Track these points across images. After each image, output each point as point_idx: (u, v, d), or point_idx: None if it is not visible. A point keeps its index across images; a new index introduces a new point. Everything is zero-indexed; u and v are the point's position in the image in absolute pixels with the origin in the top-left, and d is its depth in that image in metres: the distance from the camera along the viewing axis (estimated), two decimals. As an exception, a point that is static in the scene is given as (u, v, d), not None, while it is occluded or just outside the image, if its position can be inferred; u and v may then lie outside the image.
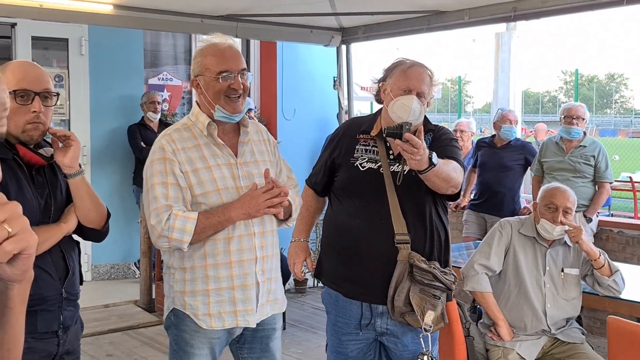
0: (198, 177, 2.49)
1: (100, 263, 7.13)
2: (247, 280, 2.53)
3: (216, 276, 2.50)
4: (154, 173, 2.49)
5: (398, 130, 2.49)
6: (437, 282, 2.70)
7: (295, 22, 6.68)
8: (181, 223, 2.41)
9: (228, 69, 2.49)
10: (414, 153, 2.45)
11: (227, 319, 2.53)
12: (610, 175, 5.44)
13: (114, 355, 4.98)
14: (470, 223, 6.15)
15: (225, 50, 2.51)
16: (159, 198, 2.45)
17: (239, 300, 2.53)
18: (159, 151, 2.51)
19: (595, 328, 5.46)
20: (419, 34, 6.40)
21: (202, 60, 2.52)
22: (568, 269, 3.47)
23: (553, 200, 3.42)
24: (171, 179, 2.47)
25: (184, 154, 2.50)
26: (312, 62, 8.06)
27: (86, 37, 6.92)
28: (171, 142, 2.52)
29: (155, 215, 2.45)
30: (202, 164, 2.51)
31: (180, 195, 2.47)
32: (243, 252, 2.52)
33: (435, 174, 2.57)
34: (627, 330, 2.78)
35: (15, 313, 1.07)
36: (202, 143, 2.55)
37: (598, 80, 73.47)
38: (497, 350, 3.39)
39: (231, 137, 2.61)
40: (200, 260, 2.51)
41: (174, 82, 7.68)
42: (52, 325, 2.27)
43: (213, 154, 2.54)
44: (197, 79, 2.55)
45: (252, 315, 2.56)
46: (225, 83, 2.48)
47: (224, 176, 2.52)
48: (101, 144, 7.09)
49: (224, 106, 2.51)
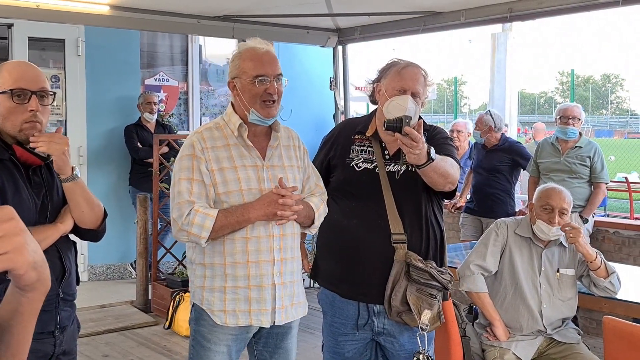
0: (223, 176, 2.54)
1: (97, 264, 7.12)
2: (263, 281, 2.56)
3: (234, 274, 2.54)
4: (182, 168, 2.56)
5: (398, 124, 2.51)
6: (433, 281, 2.71)
7: (292, 23, 6.68)
8: (200, 219, 2.46)
9: (265, 74, 2.54)
10: (413, 147, 2.47)
11: (241, 317, 2.56)
12: (606, 176, 5.45)
13: (110, 355, 4.97)
14: (467, 226, 6.16)
15: (263, 55, 2.56)
16: (183, 193, 2.51)
17: (254, 300, 2.56)
18: (188, 148, 2.58)
19: (591, 328, 5.47)
20: (415, 34, 6.41)
21: (240, 64, 2.57)
22: (564, 269, 3.48)
23: (549, 201, 3.43)
24: (197, 176, 2.53)
25: (212, 152, 2.56)
26: (308, 62, 8.07)
27: (83, 38, 6.92)
28: (201, 140, 2.57)
29: (177, 209, 2.51)
30: (228, 164, 2.55)
31: (204, 192, 2.53)
32: (261, 253, 2.55)
33: (433, 169, 2.59)
34: (623, 330, 2.79)
35: (23, 320, 1.08)
36: (231, 143, 2.59)
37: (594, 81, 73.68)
38: (493, 350, 3.39)
39: (261, 140, 2.66)
40: (219, 258, 2.56)
41: (171, 82, 7.68)
42: (48, 326, 2.27)
43: (241, 154, 2.59)
44: (233, 80, 2.60)
45: (266, 316, 2.58)
46: (261, 87, 2.54)
47: (248, 177, 2.56)
48: (98, 145, 7.09)
49: (259, 110, 2.57)
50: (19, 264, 0.96)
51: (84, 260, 6.94)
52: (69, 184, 2.28)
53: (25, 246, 0.97)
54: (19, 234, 0.96)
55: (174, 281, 5.84)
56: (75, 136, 6.81)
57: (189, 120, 7.80)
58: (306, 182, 2.77)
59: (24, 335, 1.10)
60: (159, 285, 6.00)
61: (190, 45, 7.77)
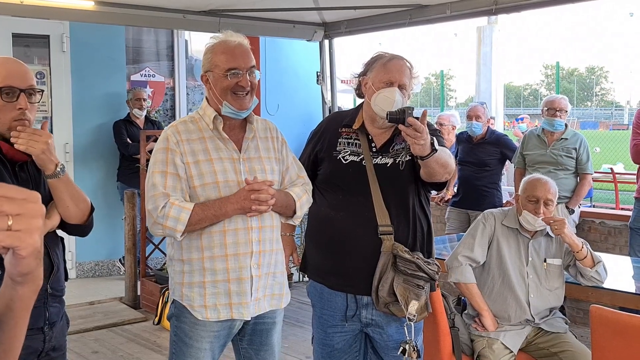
0: (199, 169, 2.54)
1: (85, 261, 7.10)
2: (242, 273, 2.55)
3: (212, 268, 2.54)
4: (156, 161, 2.56)
5: (401, 115, 2.52)
6: (420, 272, 2.73)
7: (278, 17, 6.68)
8: (176, 212, 2.45)
9: (237, 67, 2.53)
10: (417, 137, 2.49)
11: (222, 311, 2.56)
12: (591, 167, 5.49)
13: (100, 352, 4.97)
14: (452, 220, 6.17)
15: (235, 48, 2.55)
16: (157, 185, 2.51)
17: (234, 293, 2.55)
18: (163, 141, 2.58)
19: (579, 318, 5.52)
20: (401, 28, 6.42)
21: (212, 57, 2.57)
22: (551, 259, 3.50)
23: (534, 193, 3.45)
24: (171, 169, 2.52)
25: (188, 145, 2.55)
26: (295, 57, 8.06)
27: (67, 34, 6.87)
28: (176, 133, 2.57)
29: (152, 201, 2.50)
30: (204, 157, 2.55)
31: (178, 186, 2.52)
32: (239, 245, 2.55)
33: (436, 159, 2.61)
34: (610, 319, 2.82)
35: (14, 317, 1.08)
36: (207, 136, 2.59)
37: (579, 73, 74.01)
38: (481, 340, 3.42)
39: (237, 133, 2.65)
40: (197, 253, 2.55)
41: (157, 78, 7.65)
42: (37, 322, 2.26)
43: (217, 147, 2.58)
44: (206, 74, 2.60)
45: (247, 308, 2.58)
46: (233, 80, 2.53)
47: (225, 170, 2.55)
48: (84, 141, 7.05)
49: (232, 102, 2.56)
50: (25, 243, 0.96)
51: (72, 258, 6.91)
52: (53, 180, 2.26)
53: (38, 231, 0.97)
54: (38, 218, 0.97)
55: (162, 277, 5.83)
56: (62, 133, 6.78)
57: (175, 116, 7.77)
58: (285, 173, 2.76)
59: (16, 331, 1.10)
60: (147, 281, 5.99)
61: (176, 40, 7.74)
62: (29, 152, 2.18)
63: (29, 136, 2.17)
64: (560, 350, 3.38)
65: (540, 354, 3.47)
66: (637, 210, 4.97)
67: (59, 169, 2.25)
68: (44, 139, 2.18)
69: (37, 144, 2.17)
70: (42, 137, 2.18)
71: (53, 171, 2.24)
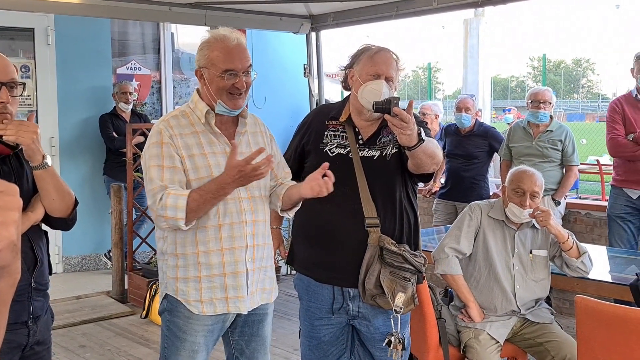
0: (193, 163, 2.51)
1: (71, 255, 7.06)
2: (238, 267, 2.55)
3: (208, 263, 2.53)
4: (151, 156, 2.52)
5: (387, 105, 2.51)
6: (407, 264, 2.74)
7: (265, 10, 6.66)
8: (173, 200, 2.41)
9: (234, 68, 2.50)
10: (404, 128, 2.48)
11: (219, 305, 2.56)
12: (577, 159, 5.51)
13: (87, 346, 4.95)
14: (440, 212, 6.18)
15: (233, 49, 2.51)
16: (155, 180, 2.48)
17: (230, 287, 2.55)
18: (156, 135, 2.54)
19: (564, 309, 5.56)
20: (388, 20, 6.41)
21: (209, 55, 2.52)
22: (536, 250, 3.52)
23: (520, 185, 3.46)
24: (167, 162, 2.49)
25: (181, 139, 2.53)
26: (282, 49, 8.04)
27: (52, 27, 6.82)
28: (168, 127, 2.54)
29: (151, 196, 2.48)
30: (198, 150, 2.53)
31: (176, 177, 2.49)
32: (234, 239, 2.54)
33: (423, 150, 2.60)
34: (595, 309, 2.83)
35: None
36: (199, 130, 2.57)
37: (565, 65, 74.25)
38: (468, 331, 3.44)
39: (229, 127, 2.63)
40: (192, 247, 2.53)
41: (143, 71, 7.60)
42: (21, 316, 2.25)
43: (209, 141, 2.56)
44: (201, 70, 2.56)
45: (243, 302, 2.58)
46: (230, 81, 2.50)
47: (218, 164, 2.53)
48: (70, 135, 7.01)
49: (226, 102, 2.54)
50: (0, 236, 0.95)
51: (59, 252, 6.87)
52: (40, 171, 2.26)
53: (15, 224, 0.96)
54: (14, 210, 0.96)
55: (150, 271, 5.82)
56: (47, 127, 6.72)
57: (162, 109, 7.73)
58: (277, 169, 2.76)
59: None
60: (135, 275, 5.97)
61: (162, 33, 7.69)
62: (19, 142, 2.18)
63: (17, 127, 2.16)
64: (546, 341, 3.40)
65: (526, 344, 3.50)
66: (613, 197, 5.02)
67: (46, 160, 2.26)
68: (33, 129, 2.19)
69: (26, 134, 2.18)
70: (30, 127, 2.19)
71: (41, 162, 2.25)
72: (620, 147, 4.85)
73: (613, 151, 4.95)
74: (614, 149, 4.92)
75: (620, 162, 4.97)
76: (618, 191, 4.94)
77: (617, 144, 4.85)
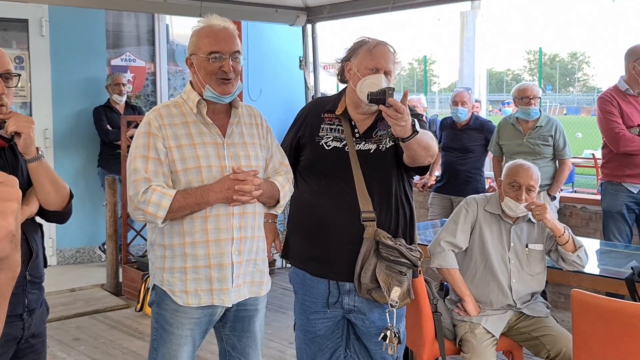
0: (181, 153, 2.51)
1: (65, 247, 7.04)
2: (223, 259, 2.54)
3: (194, 254, 2.52)
4: (137, 146, 2.52)
5: (381, 96, 2.50)
6: (403, 258, 2.73)
7: (260, 2, 6.63)
8: (157, 198, 2.43)
9: (219, 50, 2.50)
10: (398, 118, 2.47)
11: (203, 297, 2.55)
12: (569, 151, 5.46)
13: (81, 339, 4.94)
14: (435, 206, 6.17)
15: (219, 32, 2.52)
16: (139, 170, 2.48)
17: (215, 279, 2.54)
18: (145, 125, 2.55)
19: (560, 303, 5.56)
20: (384, 12, 6.40)
21: (197, 41, 2.54)
22: (532, 244, 3.52)
23: (516, 179, 3.46)
24: (152, 154, 2.49)
25: (170, 129, 2.52)
26: (277, 42, 8.01)
27: (47, 18, 6.77)
28: (158, 117, 2.54)
29: (133, 186, 2.47)
30: (187, 141, 2.52)
31: (160, 170, 2.49)
32: (220, 231, 2.53)
33: (418, 141, 2.59)
34: (590, 303, 2.83)
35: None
36: (190, 121, 2.56)
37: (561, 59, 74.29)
38: (464, 325, 3.44)
39: (221, 118, 2.62)
40: (179, 238, 2.53)
41: (137, 63, 7.57)
42: (16, 309, 2.24)
43: (200, 132, 2.55)
44: (191, 57, 2.57)
45: (227, 295, 2.57)
46: (216, 64, 2.50)
47: (208, 154, 2.52)
48: (64, 127, 6.97)
49: (214, 87, 2.53)
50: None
51: (53, 245, 6.85)
52: (34, 164, 2.25)
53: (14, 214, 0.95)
54: (13, 201, 0.95)
55: (144, 264, 5.79)
56: (41, 118, 6.68)
57: (157, 101, 7.70)
58: (270, 161, 2.74)
59: None
60: (129, 268, 5.95)
61: (157, 24, 7.65)
62: (20, 130, 2.18)
63: (16, 118, 2.19)
64: (541, 335, 3.40)
65: (521, 338, 3.50)
66: (610, 194, 4.96)
67: (40, 152, 2.27)
68: (30, 120, 2.22)
69: (25, 125, 2.20)
70: (28, 118, 2.22)
71: (36, 154, 2.26)
72: (628, 141, 4.67)
73: (620, 146, 4.73)
74: (622, 144, 4.72)
75: (614, 157, 4.88)
76: (617, 187, 4.88)
77: (625, 138, 4.69)
